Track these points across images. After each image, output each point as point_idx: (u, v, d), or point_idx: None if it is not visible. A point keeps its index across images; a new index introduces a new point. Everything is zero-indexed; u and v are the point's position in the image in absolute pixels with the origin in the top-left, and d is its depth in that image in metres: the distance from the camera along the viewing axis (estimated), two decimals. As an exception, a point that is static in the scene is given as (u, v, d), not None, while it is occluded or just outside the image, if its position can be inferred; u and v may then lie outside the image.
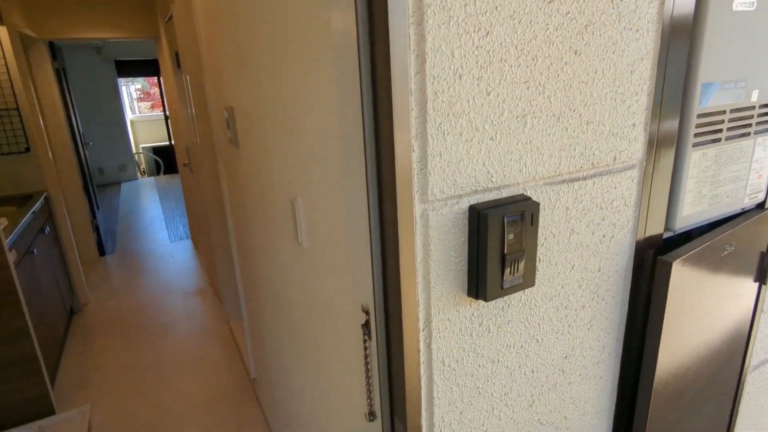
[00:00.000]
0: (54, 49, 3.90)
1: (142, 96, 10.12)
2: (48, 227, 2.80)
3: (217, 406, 2.18)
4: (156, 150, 8.64)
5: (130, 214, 5.83)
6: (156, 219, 5.53)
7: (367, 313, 0.65)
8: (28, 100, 2.77)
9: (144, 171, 8.69)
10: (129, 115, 8.45)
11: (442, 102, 0.51)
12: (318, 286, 0.93)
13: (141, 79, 9.89)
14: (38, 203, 2.63)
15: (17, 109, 2.75)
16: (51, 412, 2.11)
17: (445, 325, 0.59)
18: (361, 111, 0.53)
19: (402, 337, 0.58)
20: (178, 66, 2.86)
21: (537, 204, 0.58)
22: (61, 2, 3.52)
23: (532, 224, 0.58)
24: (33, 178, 2.88)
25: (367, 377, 0.68)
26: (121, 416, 2.14)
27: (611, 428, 0.86)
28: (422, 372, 0.59)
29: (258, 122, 1.18)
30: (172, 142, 8.63)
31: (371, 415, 0.70)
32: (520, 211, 0.57)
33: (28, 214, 2.38)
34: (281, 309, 1.32)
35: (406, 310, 0.56)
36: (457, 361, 0.61)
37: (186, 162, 3.34)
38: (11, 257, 1.92)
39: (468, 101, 0.52)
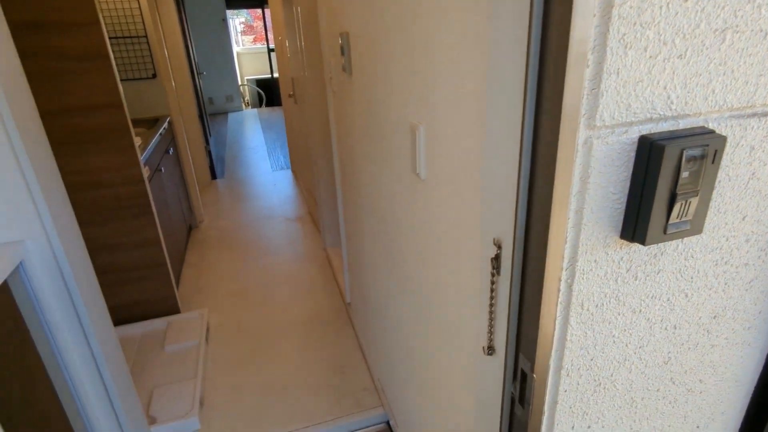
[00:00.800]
0: (173, -21, 4.09)
1: (245, 29, 10.44)
2: (171, 149, 3.08)
3: (313, 323, 2.36)
4: (258, 82, 9.01)
5: (236, 143, 6.24)
6: (259, 149, 5.87)
7: (499, 247, 0.62)
8: (154, 28, 2.96)
9: (248, 103, 9.16)
10: (235, 48, 8.80)
11: (630, 8, 0.43)
12: (435, 218, 0.92)
13: (245, 12, 10.15)
14: (163, 126, 2.88)
15: (146, 36, 2.96)
16: (176, 311, 2.42)
17: (590, 267, 0.54)
18: (528, 22, 0.47)
19: (541, 275, 0.55)
20: (287, -6, 2.87)
21: (723, 138, 0.49)
22: (180, -70, 3.63)
23: (713, 162, 0.50)
24: (158, 102, 3.14)
25: (491, 312, 0.67)
26: (232, 321, 2.41)
27: (749, 398, 0.78)
28: (558, 313, 0.56)
29: (376, 46, 1.14)
30: (275, 75, 8.93)
31: (490, 350, 0.69)
32: (703, 146, 0.48)
33: (156, 135, 2.62)
34: (386, 239, 1.34)
35: (551, 247, 0.52)
36: (596, 305, 0.57)
37: (291, 93, 3.43)
38: (145, 172, 2.14)
39: (660, 8, 0.44)
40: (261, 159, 5.42)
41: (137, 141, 2.17)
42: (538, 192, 0.53)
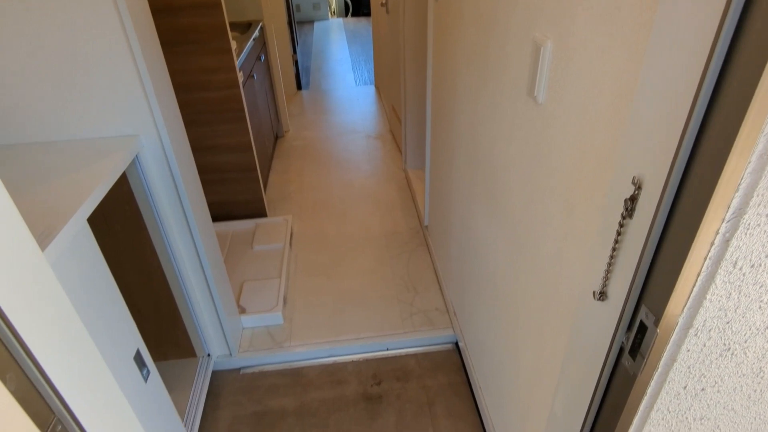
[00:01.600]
0: None
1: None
2: (263, 55, 3.08)
3: (389, 241, 2.41)
4: (346, -10, 8.61)
5: (321, 54, 6.15)
6: (343, 61, 5.75)
7: (639, 187, 0.54)
8: None
9: (334, 12, 8.86)
10: (325, -51, 8.37)
11: None
12: (551, 148, 0.84)
13: None
14: (256, 31, 2.86)
15: (242, -68, 2.86)
16: (263, 214, 2.56)
17: (759, 222, 0.46)
18: None
19: (694, 225, 0.47)
20: None
21: None
22: None
23: None
24: (251, 7, 3.10)
25: (611, 257, 0.61)
26: (314, 229, 2.52)
27: None
28: (704, 269, 0.49)
29: (502, -55, 1.00)
30: (363, -19, 8.47)
31: (602, 295, 0.64)
32: None
33: (250, 40, 2.62)
34: (483, 165, 1.28)
35: (716, 195, 0.45)
36: (752, 266, 0.49)
37: (383, 2, 3.23)
38: (240, 77, 2.17)
39: None
40: (345, 72, 5.33)
41: (233, 45, 2.18)
42: (714, 129, 0.44)
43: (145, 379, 1.18)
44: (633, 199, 0.56)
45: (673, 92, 0.48)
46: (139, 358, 1.16)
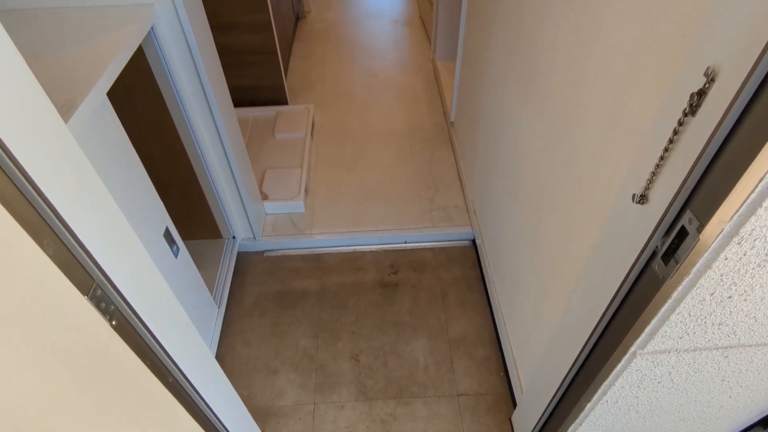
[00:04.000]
0: None
1: None
2: None
3: (413, 136, 2.34)
4: None
5: None
6: (372, -70, 5.14)
7: (712, 80, 0.48)
8: None
9: None
10: None
11: None
12: (607, 35, 0.75)
13: None
14: None
15: None
16: (284, 102, 2.49)
17: None
18: None
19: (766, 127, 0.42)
20: None
21: None
22: None
23: None
24: None
25: (662, 158, 0.57)
26: (335, 120, 2.45)
27: None
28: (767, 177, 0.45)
29: None
30: None
31: (642, 198, 0.61)
32: None
33: None
34: (522, 53, 1.17)
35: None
36: (824, 175, 0.45)
37: None
38: (259, -56, 1.95)
39: None
40: (373, -56, 4.78)
41: None
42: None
43: (175, 255, 1.24)
44: (701, 94, 0.50)
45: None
46: (168, 236, 1.20)
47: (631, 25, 0.68)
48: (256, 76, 2.37)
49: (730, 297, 0.62)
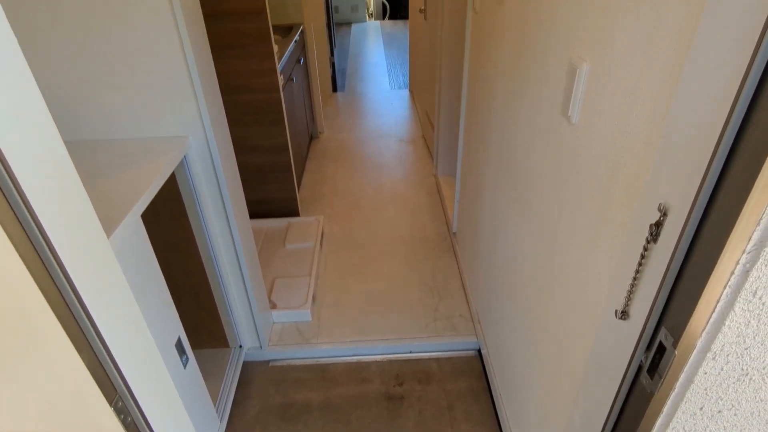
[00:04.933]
0: None
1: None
2: (302, 58, 3.17)
3: (417, 245, 2.44)
4: (384, -8, 8.69)
5: (357, 56, 6.24)
6: (379, 64, 5.82)
7: (664, 214, 0.57)
8: (296, -70, 2.94)
9: (371, 14, 8.95)
10: (365, -48, 8.46)
11: None
12: (582, 167, 0.87)
13: None
14: (297, 35, 2.95)
15: (288, -61, 2.95)
16: (296, 213, 2.65)
17: (779, 255, 0.48)
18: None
19: (715, 254, 0.50)
20: None
21: None
22: None
23: None
24: (293, 11, 3.20)
25: (634, 278, 0.64)
26: (344, 230, 2.58)
27: None
28: (723, 296, 0.52)
29: (542, -33, 1.02)
30: (402, -15, 8.53)
31: (623, 314, 0.67)
32: None
33: (292, 44, 2.71)
34: (514, 177, 1.30)
35: (738, 227, 0.47)
36: (771, 296, 0.52)
37: (422, 8, 3.27)
38: (280, 80, 2.25)
39: None
40: (380, 75, 5.39)
41: (275, 48, 2.26)
42: (738, 166, 0.47)
43: (184, 365, 1.26)
44: (658, 225, 0.59)
45: (702, 125, 0.51)
46: (179, 346, 1.24)
47: (602, 164, 0.80)
48: (271, 190, 2.56)
49: (719, 411, 0.64)
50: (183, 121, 1.31)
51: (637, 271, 0.63)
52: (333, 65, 4.76)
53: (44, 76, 1.24)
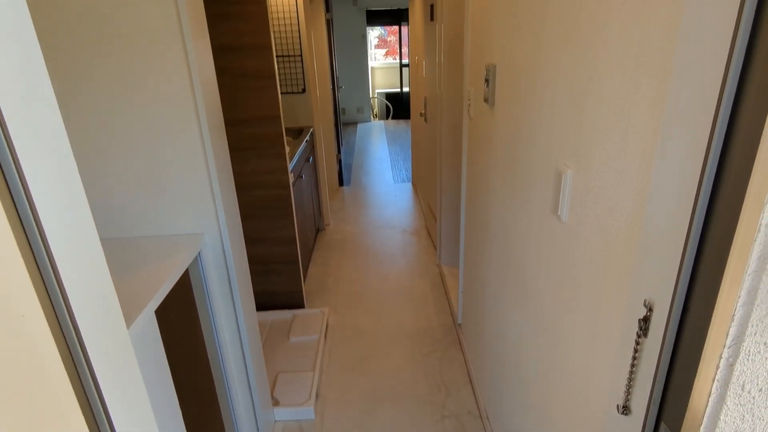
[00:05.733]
0: (327, 2, 4.50)
1: (379, 43, 10.98)
2: (311, 157, 3.39)
3: (422, 338, 2.42)
4: (387, 95, 9.42)
5: (362, 152, 6.61)
6: (383, 160, 6.14)
7: (650, 309, 0.61)
8: (308, 47, 3.30)
9: (376, 114, 9.62)
10: (370, 63, 9.32)
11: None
12: (574, 264, 0.92)
13: (379, 28, 10.66)
14: (308, 136, 3.18)
15: (300, 55, 3.31)
16: (301, 306, 2.66)
17: (758, 349, 0.52)
18: (718, 103, 0.47)
19: (699, 349, 0.53)
20: (432, 19, 2.99)
21: None
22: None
23: None
24: (304, 114, 3.48)
25: (631, 373, 0.66)
26: (349, 322, 2.57)
27: None
28: (713, 390, 0.54)
29: (524, 83, 1.17)
30: (404, 89, 9.28)
31: (625, 409, 0.68)
32: None
33: (303, 144, 2.91)
34: (514, 272, 1.35)
35: (715, 323, 0.51)
36: (760, 390, 0.54)
37: (422, 112, 3.56)
38: (290, 178, 2.40)
39: None
40: (384, 170, 5.67)
41: (287, 149, 2.44)
42: (706, 264, 0.52)
43: (183, 468, 1.22)
44: (646, 320, 0.62)
45: (670, 233, 0.57)
46: (179, 446, 1.21)
47: (592, 260, 0.85)
48: (277, 282, 2.60)
49: None
50: (200, 220, 1.40)
51: (633, 366, 0.66)
52: (340, 161, 5.03)
53: (76, 180, 1.35)
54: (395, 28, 9.32)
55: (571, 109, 0.90)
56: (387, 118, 9.45)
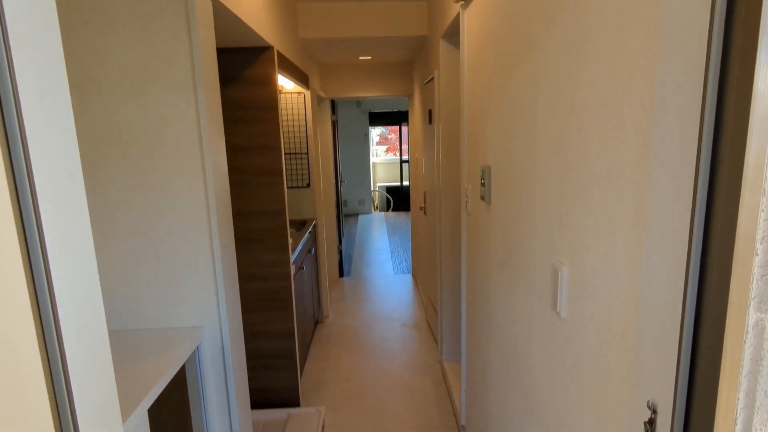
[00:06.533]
0: (333, 105, 4.87)
1: (380, 141, 11.62)
2: (313, 249, 3.44)
3: (425, 442, 2.27)
4: (388, 189, 9.78)
5: (363, 243, 6.69)
6: (383, 251, 6.20)
7: (654, 411, 0.61)
8: (314, 146, 3.52)
9: (377, 206, 9.90)
10: (372, 159, 9.80)
11: (800, 207, 0.46)
12: (577, 360, 0.91)
13: (381, 127, 11.34)
14: (310, 228, 3.26)
15: (307, 153, 3.51)
16: (296, 403, 2.53)
17: (767, 456, 0.51)
18: (690, 220, 0.52)
19: (707, 454, 0.52)
20: (430, 122, 3.22)
21: None
22: (343, 72, 4.42)
23: None
24: (307, 207, 3.60)
25: (643, 480, 0.63)
26: (346, 423, 2.43)
27: None
28: (729, 500, 0.52)
29: (519, 183, 1.24)
30: (404, 183, 9.65)
31: None
32: None
33: (305, 236, 2.98)
34: (516, 373, 1.32)
35: (718, 425, 0.51)
36: (777, 501, 0.52)
37: (422, 206, 3.68)
38: (292, 270, 2.42)
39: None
40: (385, 261, 5.70)
41: (290, 242, 2.50)
42: (702, 367, 0.53)
43: None
44: (651, 423, 0.61)
45: (663, 334, 0.58)
46: None
47: (592, 358, 0.85)
48: (272, 378, 2.50)
49: None
50: (201, 313, 1.40)
51: (644, 473, 0.63)
52: (340, 252, 5.09)
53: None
54: (396, 127, 9.93)
55: (563, 211, 0.96)
56: (387, 210, 9.71)
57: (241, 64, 2.18)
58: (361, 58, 4.05)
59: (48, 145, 0.56)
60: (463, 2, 1.88)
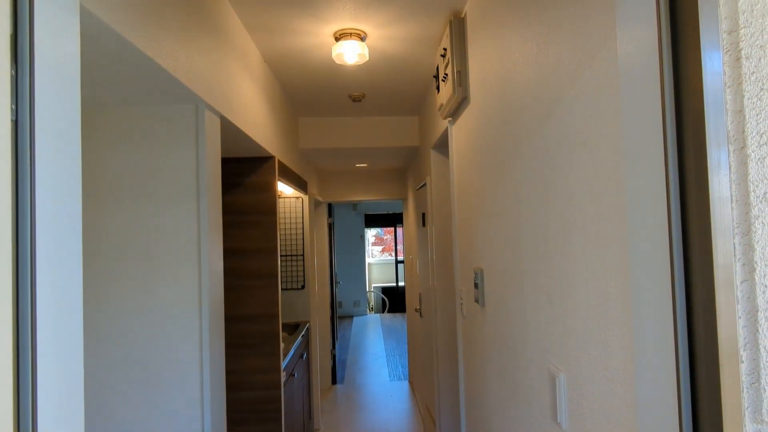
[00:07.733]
0: (330, 208, 5.03)
1: (375, 241, 11.79)
2: (305, 354, 3.32)
3: None
4: (383, 290, 9.69)
5: (358, 347, 6.46)
6: (379, 356, 5.97)
7: None
8: (310, 248, 3.56)
9: (372, 308, 9.72)
10: (367, 260, 9.86)
11: (775, 314, 0.48)
12: (582, 480, 0.85)
13: (376, 228, 11.58)
14: (303, 331, 3.18)
15: (302, 255, 3.55)
16: None
17: None
18: (673, 312, 0.54)
19: None
20: (423, 225, 3.32)
21: None
22: (340, 178, 4.65)
23: None
24: (301, 310, 3.54)
25: None
26: None
27: None
28: None
29: (511, 286, 1.25)
30: (399, 283, 9.59)
31: None
32: None
33: (298, 340, 2.89)
34: (521, 490, 1.22)
35: None
36: None
37: (417, 308, 3.63)
38: (282, 377, 2.32)
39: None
40: (380, 366, 5.46)
41: (282, 347, 2.42)
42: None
43: None
44: None
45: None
46: None
47: (598, 474, 0.80)
48: (256, 503, 2.26)
49: None
50: (183, 427, 1.32)
51: None
52: (334, 357, 4.89)
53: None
54: (391, 228, 10.14)
55: (554, 314, 0.96)
56: (383, 311, 9.52)
57: (244, 172, 2.31)
58: (357, 165, 4.29)
59: (54, 256, 0.58)
60: (450, 119, 2.05)
